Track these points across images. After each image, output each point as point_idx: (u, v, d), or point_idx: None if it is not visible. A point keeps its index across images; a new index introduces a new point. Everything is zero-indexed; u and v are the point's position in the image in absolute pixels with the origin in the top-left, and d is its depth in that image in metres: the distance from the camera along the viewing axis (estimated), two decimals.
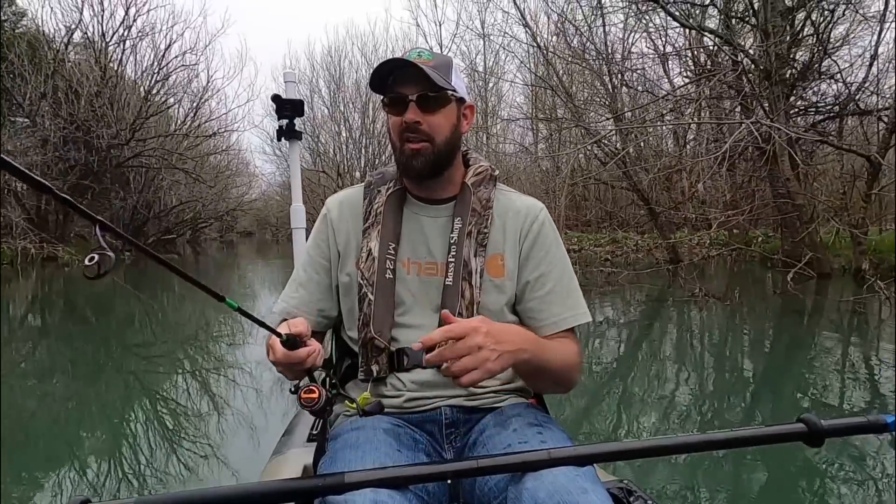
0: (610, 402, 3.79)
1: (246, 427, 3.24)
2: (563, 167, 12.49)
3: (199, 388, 4.33)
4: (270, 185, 37.26)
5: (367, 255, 1.09)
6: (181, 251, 26.47)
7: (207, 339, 6.26)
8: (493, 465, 0.77)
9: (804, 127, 8.37)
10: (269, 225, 44.87)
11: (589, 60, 10.58)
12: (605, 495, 0.80)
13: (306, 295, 1.16)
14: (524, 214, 1.13)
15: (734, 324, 6.51)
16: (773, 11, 7.95)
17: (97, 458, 2.83)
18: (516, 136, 20.06)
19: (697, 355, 5.27)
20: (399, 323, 1.08)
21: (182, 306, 9.26)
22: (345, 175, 25.23)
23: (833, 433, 0.73)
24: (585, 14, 10.37)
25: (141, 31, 19.38)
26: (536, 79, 12.91)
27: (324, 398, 0.89)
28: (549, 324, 1.09)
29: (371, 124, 25.06)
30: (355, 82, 25.04)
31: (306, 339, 0.92)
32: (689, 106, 9.25)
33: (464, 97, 1.11)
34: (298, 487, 0.72)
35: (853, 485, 2.44)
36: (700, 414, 3.51)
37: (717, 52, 8.62)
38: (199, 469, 2.69)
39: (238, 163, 30.58)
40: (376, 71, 1.06)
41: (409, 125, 1.04)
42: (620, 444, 0.74)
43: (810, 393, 3.93)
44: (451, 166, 1.12)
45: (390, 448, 0.93)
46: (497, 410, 1.06)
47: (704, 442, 0.74)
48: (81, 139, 17.76)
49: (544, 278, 1.10)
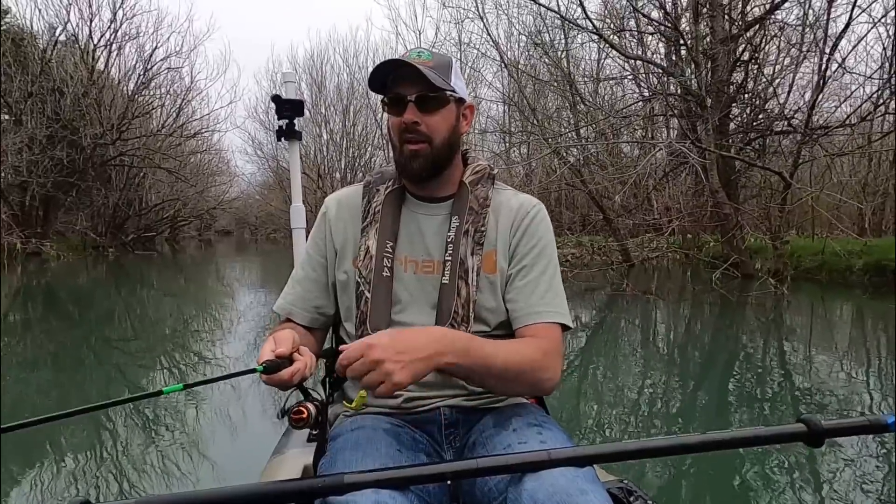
0: (609, 402, 3.80)
1: (246, 426, 3.25)
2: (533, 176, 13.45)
3: (197, 386, 4.52)
4: (250, 185, 37.61)
5: (364, 254, 1.10)
6: (160, 248, 26.54)
7: (207, 337, 6.22)
8: (492, 465, 0.77)
9: (738, 145, 9.42)
10: (247, 224, 45.07)
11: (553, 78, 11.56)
12: (605, 496, 0.80)
13: (303, 292, 1.18)
14: (516, 211, 1.14)
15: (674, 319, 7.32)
16: (714, 39, 9.00)
17: (97, 458, 2.80)
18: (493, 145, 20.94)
19: (647, 352, 5.46)
20: (396, 321, 1.08)
21: (181, 304, 9.35)
22: (325, 176, 25.81)
23: (833, 433, 0.73)
24: (550, 37, 11.34)
25: (127, 34, 19.83)
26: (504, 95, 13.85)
27: (313, 415, 0.91)
28: (522, 314, 1.08)
29: (352, 127, 25.71)
30: (336, 86, 25.66)
31: (293, 355, 0.91)
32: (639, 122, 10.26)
33: (463, 97, 1.12)
34: (298, 488, 0.73)
35: (853, 485, 2.45)
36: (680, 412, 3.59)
37: (660, 76, 9.63)
38: (199, 469, 2.68)
39: (219, 162, 30.98)
40: (376, 70, 1.06)
41: (408, 125, 1.05)
42: (620, 444, 0.74)
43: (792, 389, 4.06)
44: (450, 166, 1.12)
45: (390, 448, 0.94)
46: (496, 410, 1.06)
47: (704, 442, 0.74)
48: (67, 138, 18.10)
49: (526, 270, 1.10)
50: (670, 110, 8.50)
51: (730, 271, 8.46)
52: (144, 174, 22.64)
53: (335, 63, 26.85)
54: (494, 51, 12.08)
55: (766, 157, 8.94)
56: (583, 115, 10.59)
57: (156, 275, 15.08)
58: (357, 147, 25.76)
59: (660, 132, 9.85)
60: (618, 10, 10.19)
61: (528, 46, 12.39)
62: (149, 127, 22.02)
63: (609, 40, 8.50)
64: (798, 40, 8.76)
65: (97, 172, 20.33)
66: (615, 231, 11.30)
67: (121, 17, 19.37)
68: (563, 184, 12.81)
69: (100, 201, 21.21)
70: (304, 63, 26.63)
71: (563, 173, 9.36)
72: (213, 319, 7.67)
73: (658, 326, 6.87)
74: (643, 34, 9.41)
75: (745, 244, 9.18)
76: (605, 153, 10.58)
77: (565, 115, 12.36)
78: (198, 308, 8.85)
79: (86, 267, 16.26)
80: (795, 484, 2.50)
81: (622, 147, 11.32)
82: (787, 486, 2.47)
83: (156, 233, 27.41)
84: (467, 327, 1.05)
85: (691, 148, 7.77)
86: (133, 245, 22.97)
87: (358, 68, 24.62)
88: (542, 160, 12.61)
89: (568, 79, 10.58)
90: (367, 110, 24.73)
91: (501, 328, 1.10)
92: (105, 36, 19.53)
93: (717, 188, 8.52)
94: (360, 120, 25.53)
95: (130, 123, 20.23)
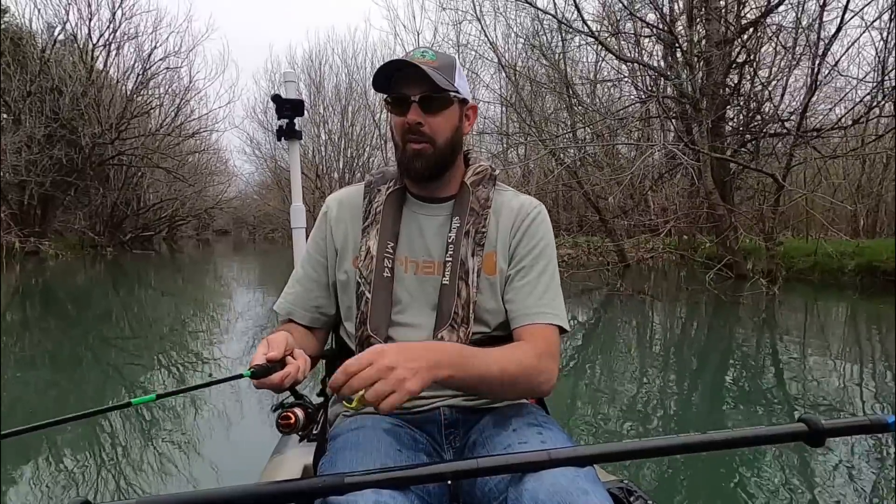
0: (608, 403, 3.82)
1: (246, 426, 3.25)
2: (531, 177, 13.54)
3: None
4: (248, 185, 37.67)
5: (365, 254, 1.10)
6: (157, 248, 26.53)
7: (206, 335, 6.20)
8: (493, 465, 0.77)
9: (733, 147, 9.52)
10: (245, 224, 45.14)
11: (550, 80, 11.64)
12: (606, 496, 0.80)
13: (303, 292, 1.18)
14: (516, 211, 1.13)
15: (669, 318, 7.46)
16: (709, 43, 9.09)
17: (96, 459, 2.81)
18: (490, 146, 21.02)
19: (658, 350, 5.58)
20: (396, 321, 1.08)
21: (179, 302, 9.41)
22: (323, 176, 25.89)
23: (834, 433, 0.73)
24: (548, 39, 11.42)
25: (126, 34, 19.90)
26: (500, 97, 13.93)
27: (301, 421, 0.89)
28: (519, 315, 1.07)
29: (350, 128, 25.79)
30: (335, 86, 25.74)
31: (286, 358, 0.91)
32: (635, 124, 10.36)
33: (466, 98, 1.12)
34: (298, 488, 0.73)
35: (853, 485, 2.45)
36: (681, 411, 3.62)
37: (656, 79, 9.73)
38: (199, 468, 2.68)
39: (216, 161, 31.04)
40: (380, 70, 1.05)
41: (412, 126, 1.05)
42: (620, 444, 0.74)
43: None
44: (452, 167, 1.12)
45: (390, 448, 0.93)
46: (496, 411, 1.05)
47: (705, 442, 0.74)
48: (66, 137, 18.14)
49: (525, 271, 1.10)
50: (665, 112, 8.58)
51: (723, 272, 8.55)
52: (143, 174, 22.70)
53: (334, 63, 26.96)
54: (492, 52, 12.15)
55: (761, 159, 9.04)
56: (579, 116, 10.68)
57: (154, 274, 15.13)
58: (355, 147, 25.84)
59: (656, 134, 9.94)
60: (615, 13, 10.29)
61: (526, 48, 12.46)
62: (147, 126, 22.08)
63: (605, 43, 8.60)
64: (792, 44, 8.86)
65: (95, 172, 20.38)
66: (611, 232, 11.39)
67: (119, 17, 19.45)
68: (560, 185, 12.91)
69: (98, 200, 21.27)
70: (303, 63, 26.72)
71: (560, 174, 9.42)
72: (211, 319, 7.69)
73: (654, 326, 6.97)
74: (640, 37, 9.50)
75: (740, 245, 9.28)
76: (601, 154, 10.67)
77: (562, 117, 12.46)
78: (195, 308, 8.87)
79: (84, 266, 16.30)
80: (796, 484, 2.50)
81: (619, 148, 11.43)
82: (787, 486, 2.47)
83: (154, 232, 27.48)
84: (467, 328, 1.05)
85: (685, 150, 7.85)
86: (131, 244, 23.03)
87: (356, 69, 24.74)
88: (540, 161, 12.70)
89: (564, 80, 10.66)
90: (365, 111, 24.81)
91: (501, 329, 1.10)
92: (104, 36, 19.61)
93: (712, 189, 8.61)
94: (358, 120, 25.64)
95: (129, 123, 20.27)
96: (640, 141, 9.11)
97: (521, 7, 10.19)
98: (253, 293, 10.76)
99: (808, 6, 8.76)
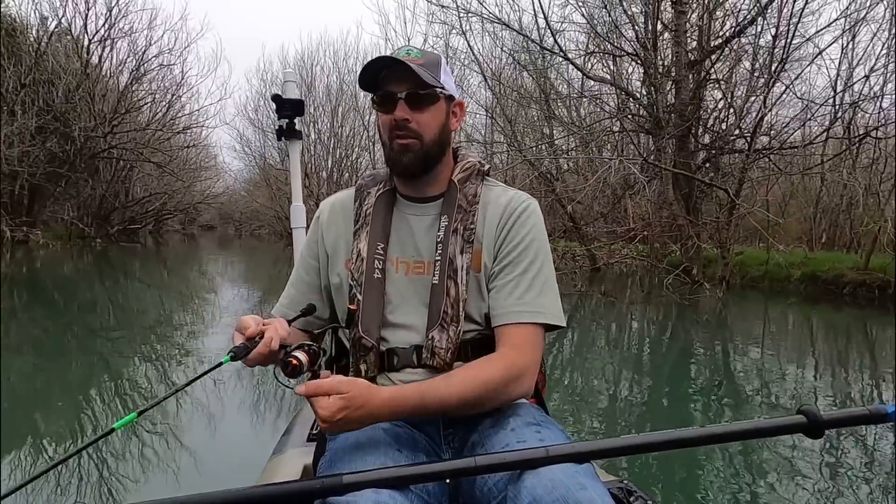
0: (609, 402, 3.84)
1: (245, 426, 3.25)
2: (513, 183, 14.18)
3: (198, 385, 3.92)
4: (237, 181, 37.88)
5: (356, 256, 1.10)
6: (143, 241, 26.75)
7: (206, 334, 6.16)
8: (491, 463, 0.76)
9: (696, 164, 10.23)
10: (232, 220, 45.21)
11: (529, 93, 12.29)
12: (604, 491, 0.80)
13: (296, 295, 1.20)
14: (504, 207, 1.12)
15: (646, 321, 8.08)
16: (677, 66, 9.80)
17: (95, 461, 2.79)
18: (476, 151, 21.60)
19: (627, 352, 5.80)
20: (388, 322, 1.08)
21: (178, 299, 9.44)
22: (312, 175, 26.30)
23: (833, 424, 0.73)
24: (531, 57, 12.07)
25: (121, 30, 20.17)
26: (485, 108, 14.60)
27: (305, 363, 0.92)
28: (498, 314, 1.07)
29: (339, 128, 26.24)
30: (326, 87, 26.17)
31: (257, 336, 0.95)
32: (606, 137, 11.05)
33: (453, 94, 1.11)
34: (298, 490, 0.73)
35: (854, 476, 2.45)
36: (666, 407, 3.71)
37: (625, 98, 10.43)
38: (199, 469, 2.67)
39: (205, 157, 31.28)
40: (366, 69, 1.05)
41: (399, 123, 1.04)
42: (618, 439, 0.73)
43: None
44: (440, 163, 1.12)
45: (390, 448, 0.93)
46: (495, 411, 1.04)
47: (703, 436, 0.73)
48: (59, 129, 18.38)
49: (509, 268, 1.08)
50: (635, 128, 9.25)
51: (681, 277, 9.24)
52: (132, 167, 22.93)
53: (325, 65, 27.37)
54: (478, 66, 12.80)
55: (720, 175, 9.76)
56: (556, 128, 11.32)
57: (139, 266, 15.43)
58: (344, 147, 26.29)
59: (631, 147, 10.64)
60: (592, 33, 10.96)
61: (509, 62, 13.14)
62: (138, 121, 22.32)
63: (574, 62, 9.27)
64: (750, 68, 9.60)
65: (86, 164, 20.61)
66: (582, 237, 12.05)
67: (116, 14, 19.74)
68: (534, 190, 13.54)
69: (87, 192, 21.48)
70: (295, 64, 27.06)
71: (532, 181, 10.10)
72: (194, 313, 7.90)
73: (617, 327, 7.46)
74: (615, 56, 10.20)
75: (703, 254, 9.99)
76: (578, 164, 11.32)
77: (542, 127, 13.14)
78: (180, 301, 9.12)
79: (72, 256, 16.57)
80: (795, 485, 2.47)
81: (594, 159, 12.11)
82: (787, 486, 2.45)
83: (140, 225, 27.66)
84: (457, 327, 1.05)
85: (645, 165, 8.53)
86: (117, 236, 23.28)
87: (347, 71, 25.15)
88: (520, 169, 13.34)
89: (543, 94, 11.33)
90: (354, 113, 25.28)
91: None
92: (99, 32, 19.88)
93: (672, 201, 9.28)
94: (347, 122, 26.10)
95: (122, 118, 20.54)
96: (613, 154, 9.77)
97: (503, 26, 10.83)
98: (237, 288, 11.08)
99: (769, 32, 9.52)
